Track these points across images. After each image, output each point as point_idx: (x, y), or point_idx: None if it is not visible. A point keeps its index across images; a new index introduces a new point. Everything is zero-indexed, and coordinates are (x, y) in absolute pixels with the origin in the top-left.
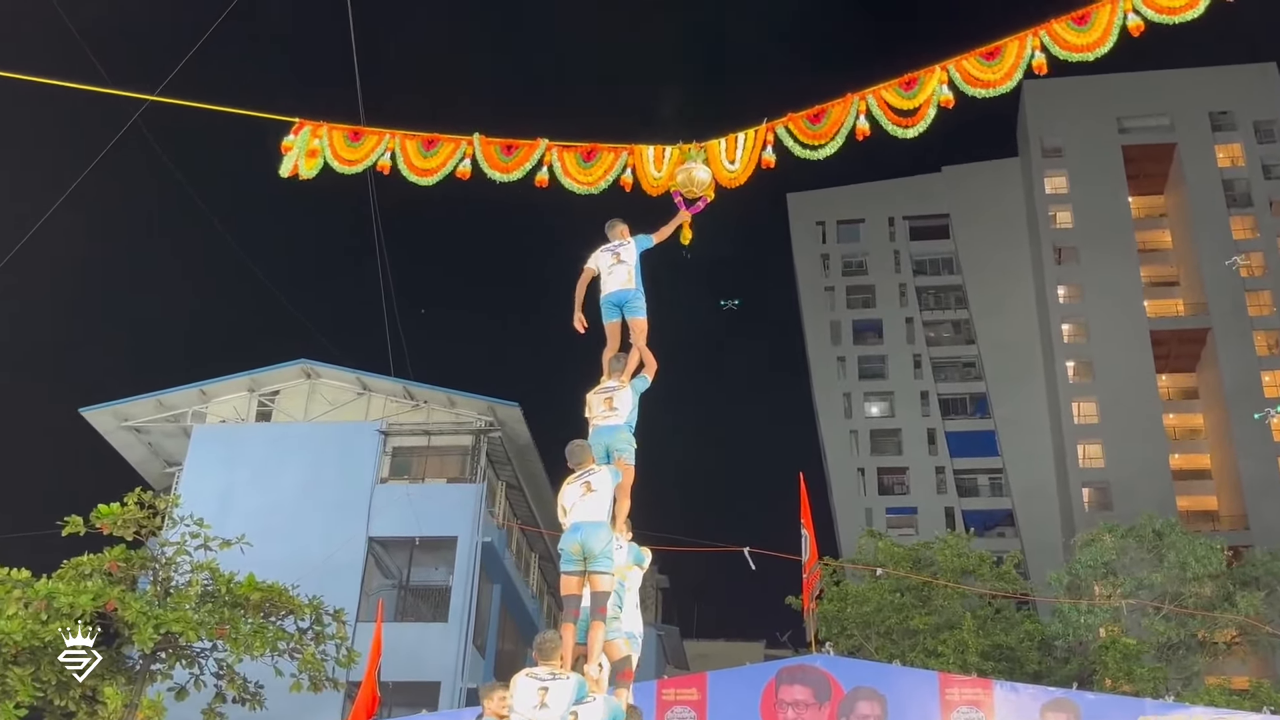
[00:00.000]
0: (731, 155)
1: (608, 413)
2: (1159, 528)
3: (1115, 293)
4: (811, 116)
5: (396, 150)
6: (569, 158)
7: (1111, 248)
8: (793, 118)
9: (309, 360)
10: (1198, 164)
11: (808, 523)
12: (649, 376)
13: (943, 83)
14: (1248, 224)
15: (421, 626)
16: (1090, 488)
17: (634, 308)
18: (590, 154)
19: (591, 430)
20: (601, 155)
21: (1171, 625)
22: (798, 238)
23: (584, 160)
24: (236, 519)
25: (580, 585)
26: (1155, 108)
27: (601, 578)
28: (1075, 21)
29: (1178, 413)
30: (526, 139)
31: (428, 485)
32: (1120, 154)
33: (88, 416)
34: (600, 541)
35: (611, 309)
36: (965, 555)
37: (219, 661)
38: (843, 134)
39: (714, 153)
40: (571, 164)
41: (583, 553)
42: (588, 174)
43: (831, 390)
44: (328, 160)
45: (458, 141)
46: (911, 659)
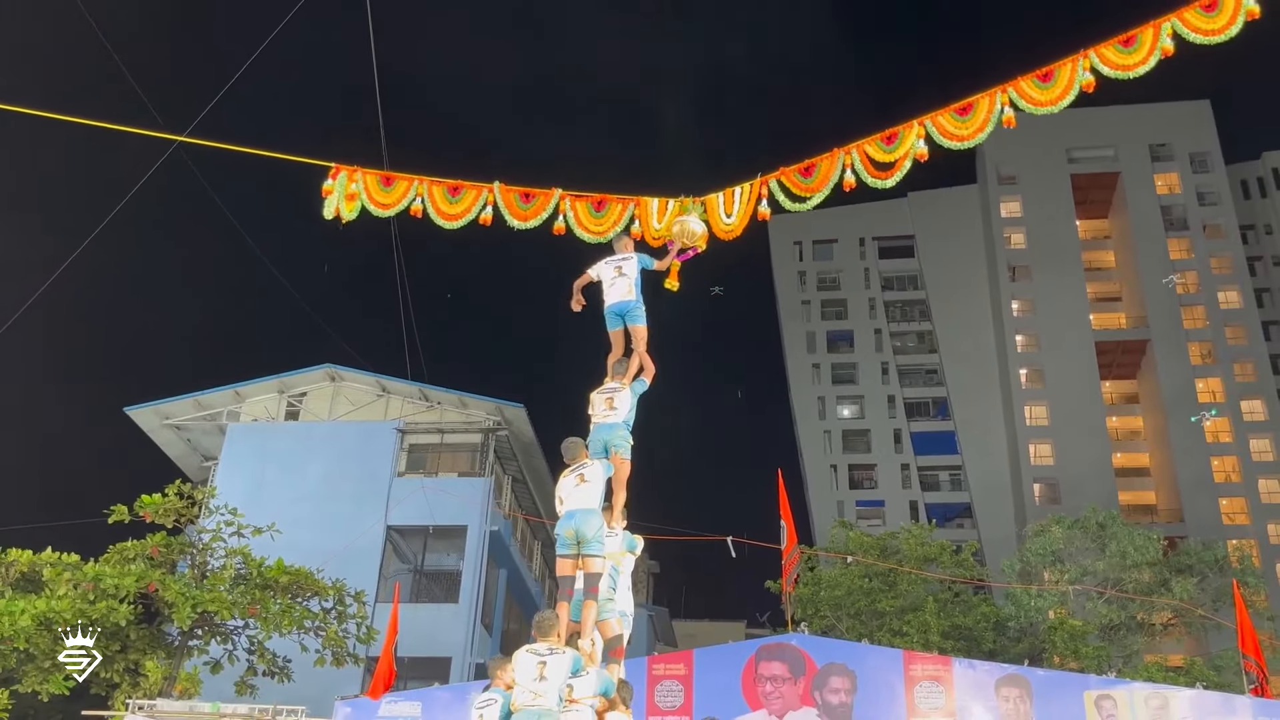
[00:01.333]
0: (729, 209)
1: (608, 411)
2: (1102, 520)
3: (1064, 307)
4: (803, 170)
5: (425, 196)
6: (581, 207)
7: (1060, 266)
8: (785, 172)
9: (333, 365)
10: (1139, 191)
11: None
12: (648, 380)
13: (920, 137)
14: (1184, 245)
15: (434, 607)
16: (1041, 483)
17: (635, 316)
18: (600, 204)
19: (592, 427)
20: (610, 205)
21: (1113, 608)
22: (777, 256)
23: (595, 210)
24: (267, 509)
25: (574, 567)
26: (1101, 140)
27: (594, 560)
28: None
29: (1120, 416)
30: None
31: (441, 479)
32: (1069, 182)
33: (132, 415)
34: (592, 527)
35: (614, 318)
36: (928, 544)
37: (250, 638)
38: (829, 186)
39: (712, 206)
40: (584, 214)
41: (576, 538)
42: (598, 224)
43: (807, 394)
44: (365, 205)
45: (479, 189)
46: (879, 638)
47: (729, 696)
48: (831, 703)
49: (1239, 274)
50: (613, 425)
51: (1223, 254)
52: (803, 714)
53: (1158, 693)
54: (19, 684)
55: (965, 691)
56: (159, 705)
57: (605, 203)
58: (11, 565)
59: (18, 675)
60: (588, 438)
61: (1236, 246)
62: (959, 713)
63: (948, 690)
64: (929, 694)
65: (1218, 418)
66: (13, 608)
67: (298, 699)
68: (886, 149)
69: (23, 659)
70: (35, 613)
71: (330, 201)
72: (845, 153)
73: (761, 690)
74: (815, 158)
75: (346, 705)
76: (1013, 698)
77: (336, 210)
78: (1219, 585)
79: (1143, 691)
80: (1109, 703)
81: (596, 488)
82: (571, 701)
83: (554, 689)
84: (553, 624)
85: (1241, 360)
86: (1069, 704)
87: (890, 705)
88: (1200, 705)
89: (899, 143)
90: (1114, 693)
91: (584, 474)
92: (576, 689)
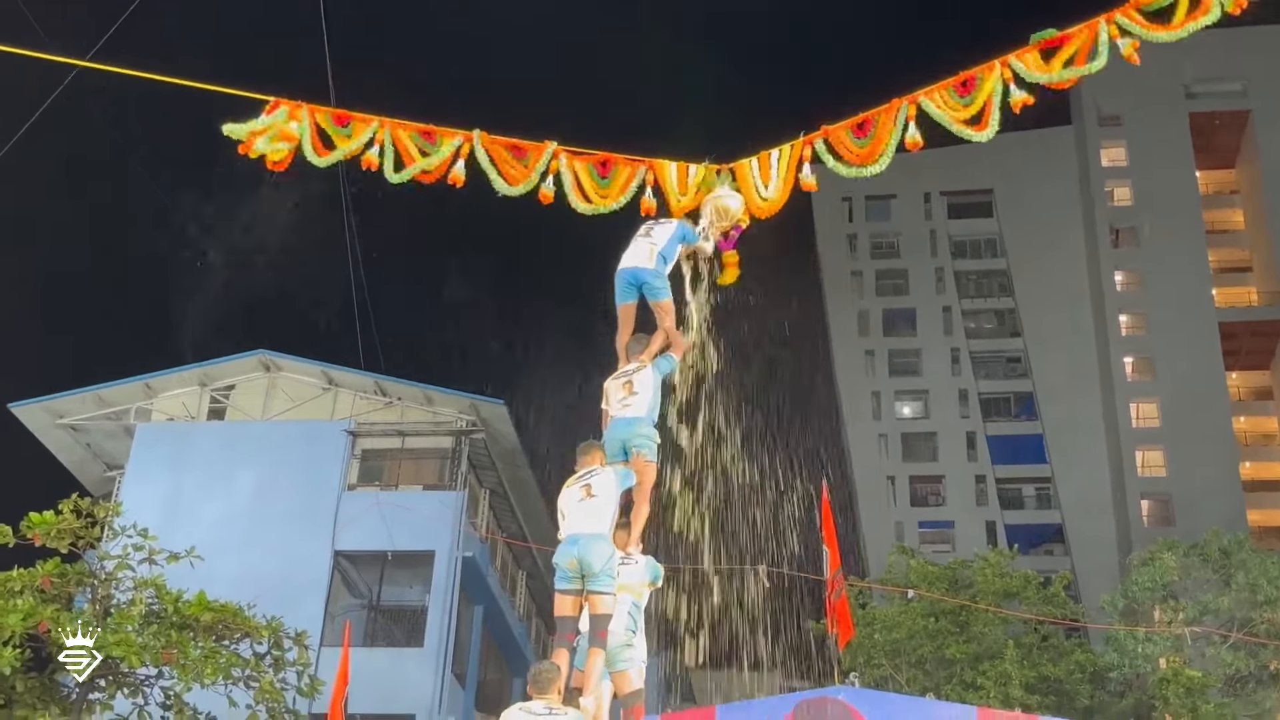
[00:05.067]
0: (765, 177)
1: (627, 399)
2: (1226, 545)
3: (1180, 279)
4: (855, 128)
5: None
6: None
7: (1176, 228)
8: (830, 130)
9: (268, 351)
10: (1275, 134)
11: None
12: (676, 356)
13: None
14: None
15: (394, 652)
16: (1150, 500)
17: (654, 290)
18: (606, 168)
19: (608, 424)
20: (618, 168)
21: (1241, 655)
22: (821, 216)
23: (601, 177)
24: (186, 529)
25: (577, 606)
26: (1227, 71)
27: (602, 599)
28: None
29: (1249, 415)
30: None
31: (401, 493)
32: (1187, 123)
33: (17, 413)
34: (600, 557)
35: (627, 288)
36: (1008, 575)
37: (165, 690)
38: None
39: (743, 174)
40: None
41: (580, 569)
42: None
43: (859, 388)
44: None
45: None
46: (947, 692)
47: None
48: None
49: None
50: (632, 420)
51: None
52: None
53: None
54: None
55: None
56: None
57: (611, 164)
58: None
59: None
60: (603, 438)
61: None
62: None
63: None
64: None
65: None
66: None
67: None
68: (962, 100)
69: None
70: None
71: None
72: (910, 101)
73: None
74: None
75: None
76: None
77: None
78: None
79: None
80: None
81: (607, 503)
82: None
83: None
84: (553, 678)
85: None
86: None
87: None
88: None
89: (978, 90)
90: None
91: (591, 485)
92: None
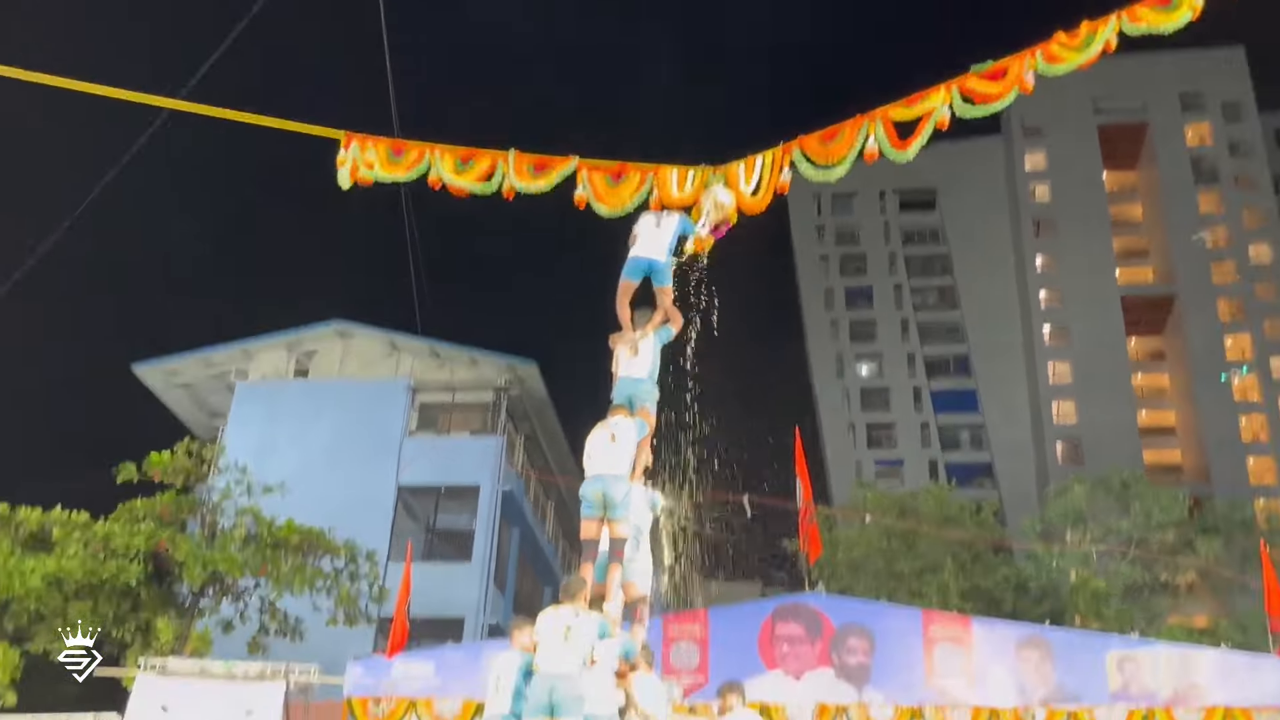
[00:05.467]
0: (750, 178)
1: (632, 360)
2: (1126, 479)
3: (1089, 262)
4: (824, 137)
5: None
6: (598, 179)
7: (1086, 220)
8: (805, 140)
9: (343, 321)
10: (1168, 142)
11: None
12: (673, 329)
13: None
14: (1214, 198)
15: (447, 566)
16: (1064, 442)
17: (662, 277)
18: (618, 174)
19: (616, 383)
20: (629, 175)
21: (1137, 569)
22: (795, 210)
23: (612, 180)
24: (277, 468)
25: (599, 530)
26: (1129, 90)
27: (619, 525)
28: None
29: (1146, 373)
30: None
31: (452, 438)
32: (1096, 133)
33: (140, 373)
34: (619, 491)
35: (638, 270)
36: (947, 505)
37: (262, 598)
38: (853, 155)
39: (733, 175)
40: (601, 184)
41: (603, 501)
42: (617, 194)
43: (825, 352)
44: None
45: (494, 157)
46: (897, 599)
47: (745, 656)
48: (849, 663)
49: (1271, 227)
50: (637, 379)
51: (1255, 206)
52: (820, 674)
53: (1182, 653)
54: (30, 643)
55: (985, 653)
56: (170, 664)
57: (623, 172)
58: (21, 525)
59: (29, 635)
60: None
61: (1269, 199)
62: (978, 674)
63: (967, 651)
64: (948, 655)
65: (1246, 375)
66: (23, 567)
67: (310, 658)
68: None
69: (33, 619)
70: (45, 572)
71: (344, 171)
72: (869, 119)
73: (778, 651)
74: (838, 124)
75: (359, 664)
76: (1033, 659)
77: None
78: (1245, 546)
79: (1166, 653)
80: (1132, 664)
81: (627, 448)
82: (594, 661)
83: (578, 652)
84: (580, 588)
85: (1272, 316)
86: (1091, 665)
87: (909, 666)
88: (1225, 666)
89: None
90: (1137, 654)
91: (616, 432)
92: (599, 652)
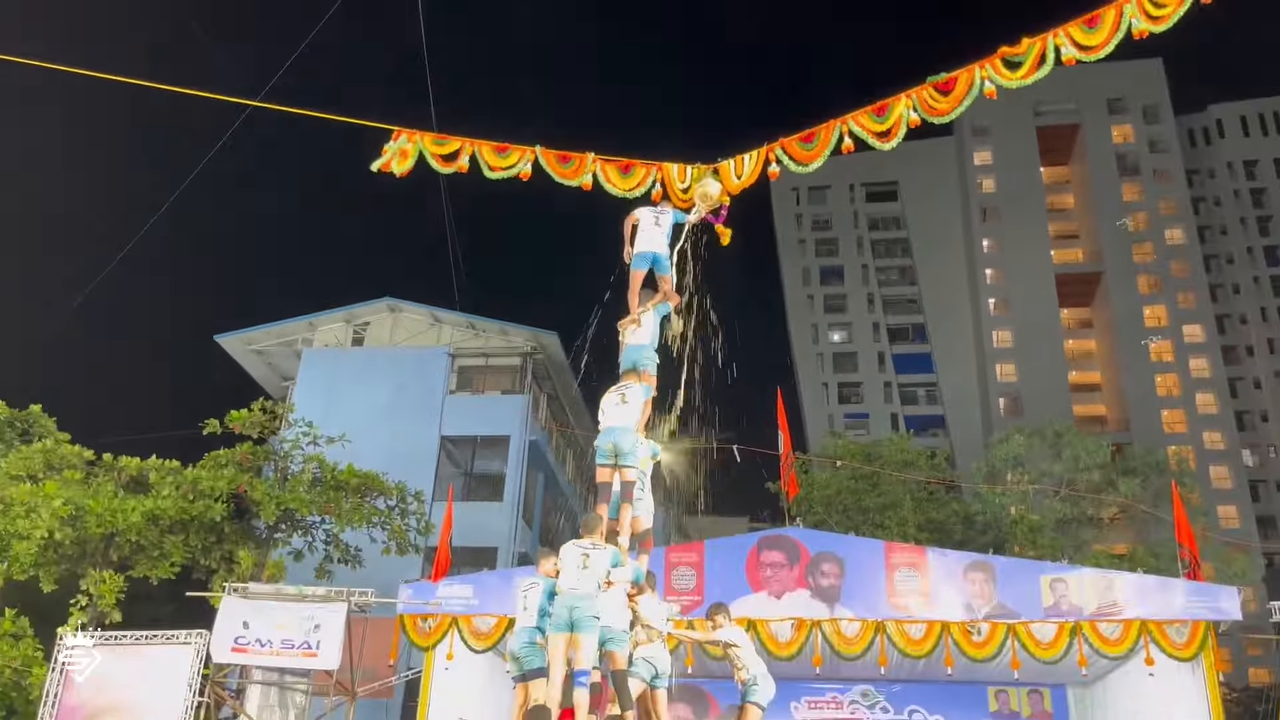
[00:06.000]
0: (739, 172)
1: (636, 331)
2: (1058, 429)
3: (1028, 244)
4: (803, 139)
5: (476, 153)
6: (611, 170)
7: (1026, 209)
8: (786, 141)
9: (393, 298)
10: (1097, 141)
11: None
12: (671, 305)
13: (908, 108)
14: (1136, 189)
15: (483, 505)
16: (1005, 398)
17: (663, 267)
18: (627, 168)
19: (622, 350)
20: (636, 169)
21: (1067, 505)
22: (777, 201)
23: (623, 172)
24: (338, 422)
25: (612, 475)
26: (1064, 95)
27: (629, 470)
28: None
29: (1076, 339)
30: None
31: (486, 396)
32: (1034, 133)
33: (222, 343)
34: (628, 442)
35: (643, 261)
36: (906, 451)
37: (326, 532)
38: (828, 151)
39: (725, 172)
40: (613, 175)
41: (614, 450)
42: (626, 183)
43: (803, 321)
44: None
45: (522, 150)
46: (863, 531)
47: (734, 580)
48: (822, 585)
49: (1184, 214)
50: (640, 346)
51: (1170, 196)
52: (797, 594)
53: (1104, 576)
54: (132, 570)
55: (937, 576)
56: (251, 588)
57: (631, 166)
58: (122, 470)
59: (131, 563)
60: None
61: (1182, 190)
62: (931, 594)
63: (922, 575)
64: (906, 578)
65: (1162, 341)
66: (125, 506)
67: (367, 583)
68: (878, 120)
69: (134, 549)
70: (144, 510)
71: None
72: (842, 123)
73: (762, 575)
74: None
75: (409, 588)
76: (979, 581)
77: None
78: (1159, 485)
79: (1091, 575)
80: (1062, 585)
81: (635, 407)
82: (608, 584)
83: (595, 578)
84: (597, 524)
85: (1184, 290)
86: (1027, 586)
87: (873, 587)
88: (1140, 587)
89: (889, 114)
90: (1066, 577)
91: (626, 394)
92: (614, 577)
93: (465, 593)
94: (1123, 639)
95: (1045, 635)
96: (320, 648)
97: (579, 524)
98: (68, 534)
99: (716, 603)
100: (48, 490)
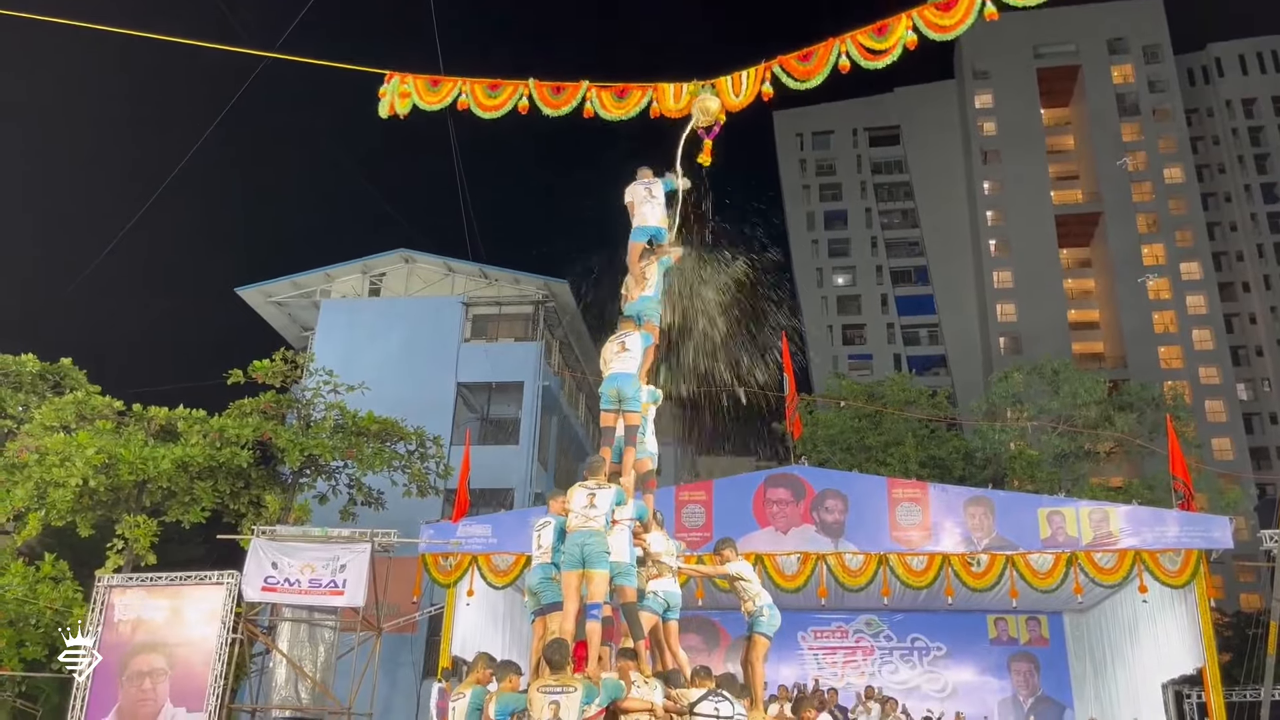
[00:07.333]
0: (737, 90)
1: (640, 283)
2: (1056, 367)
3: (1028, 186)
4: (801, 57)
5: (467, 92)
6: (606, 96)
7: (1026, 150)
8: (785, 59)
9: (407, 249)
10: (1097, 81)
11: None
12: (672, 259)
13: (909, 29)
14: (1135, 129)
15: (499, 448)
16: (1005, 337)
17: (664, 237)
18: (623, 92)
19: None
20: (631, 92)
21: (1064, 440)
22: (782, 146)
23: (618, 96)
24: (357, 370)
25: (615, 419)
26: (1064, 36)
27: (632, 415)
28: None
29: (1075, 279)
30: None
31: (500, 344)
32: (1035, 75)
33: (242, 295)
34: (630, 388)
35: (642, 234)
36: (908, 390)
37: (349, 476)
38: (826, 69)
39: (722, 87)
40: (608, 100)
41: (618, 396)
42: (621, 107)
43: (808, 265)
44: (416, 103)
45: (515, 85)
46: (866, 468)
47: (742, 517)
48: (827, 520)
49: (1183, 153)
50: (645, 298)
51: (1169, 135)
52: (803, 530)
53: (1099, 508)
54: (165, 515)
55: (938, 510)
56: (278, 531)
57: (626, 90)
58: (152, 420)
59: (163, 509)
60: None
61: (1181, 129)
62: (933, 528)
63: (924, 509)
64: (908, 513)
65: (1159, 278)
66: (155, 454)
67: (390, 524)
68: (878, 39)
69: (166, 495)
70: (173, 458)
71: (385, 102)
72: (840, 42)
73: (769, 511)
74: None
75: (430, 528)
76: (978, 514)
77: (391, 108)
78: (1154, 420)
79: (1087, 508)
80: (1058, 517)
81: (635, 354)
82: (615, 523)
83: (601, 515)
84: (600, 465)
85: (1182, 228)
86: (1025, 519)
87: (876, 522)
88: (1135, 518)
89: (889, 33)
90: (1063, 509)
91: (625, 342)
92: (619, 514)
93: (484, 532)
94: (1117, 568)
95: (1043, 565)
96: (346, 586)
97: (585, 466)
98: (102, 481)
99: (723, 538)
100: (81, 440)
